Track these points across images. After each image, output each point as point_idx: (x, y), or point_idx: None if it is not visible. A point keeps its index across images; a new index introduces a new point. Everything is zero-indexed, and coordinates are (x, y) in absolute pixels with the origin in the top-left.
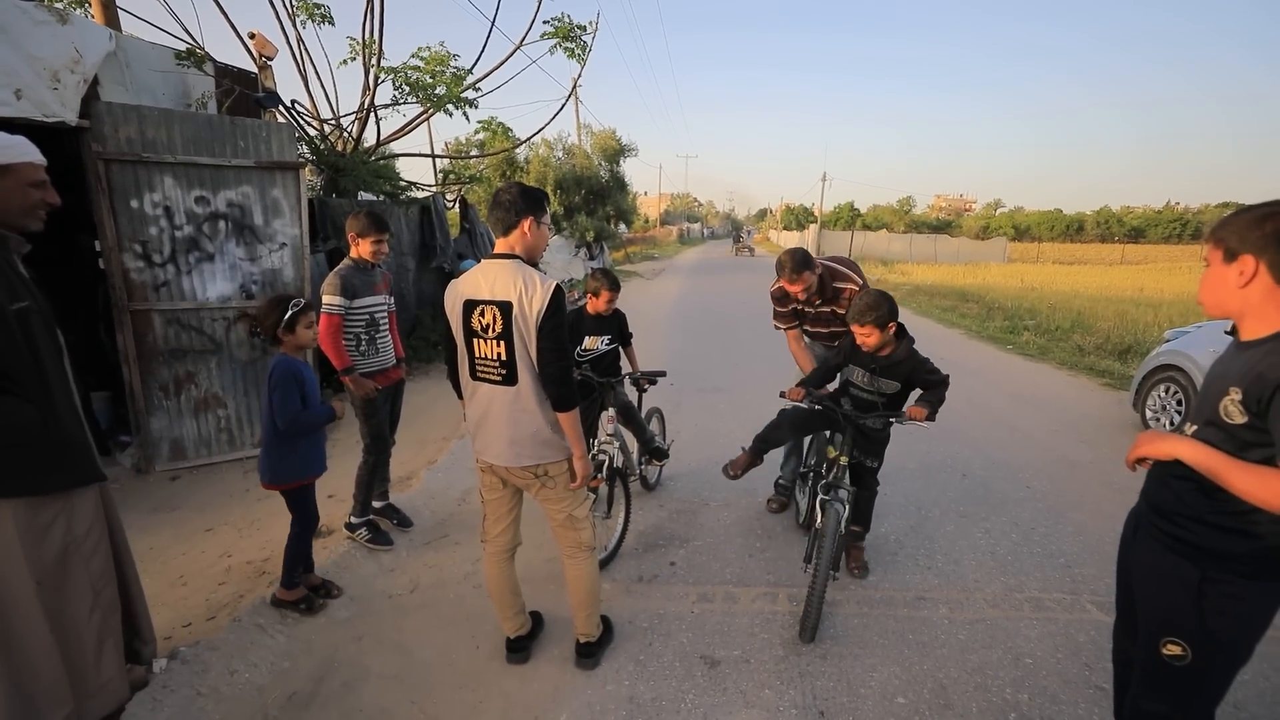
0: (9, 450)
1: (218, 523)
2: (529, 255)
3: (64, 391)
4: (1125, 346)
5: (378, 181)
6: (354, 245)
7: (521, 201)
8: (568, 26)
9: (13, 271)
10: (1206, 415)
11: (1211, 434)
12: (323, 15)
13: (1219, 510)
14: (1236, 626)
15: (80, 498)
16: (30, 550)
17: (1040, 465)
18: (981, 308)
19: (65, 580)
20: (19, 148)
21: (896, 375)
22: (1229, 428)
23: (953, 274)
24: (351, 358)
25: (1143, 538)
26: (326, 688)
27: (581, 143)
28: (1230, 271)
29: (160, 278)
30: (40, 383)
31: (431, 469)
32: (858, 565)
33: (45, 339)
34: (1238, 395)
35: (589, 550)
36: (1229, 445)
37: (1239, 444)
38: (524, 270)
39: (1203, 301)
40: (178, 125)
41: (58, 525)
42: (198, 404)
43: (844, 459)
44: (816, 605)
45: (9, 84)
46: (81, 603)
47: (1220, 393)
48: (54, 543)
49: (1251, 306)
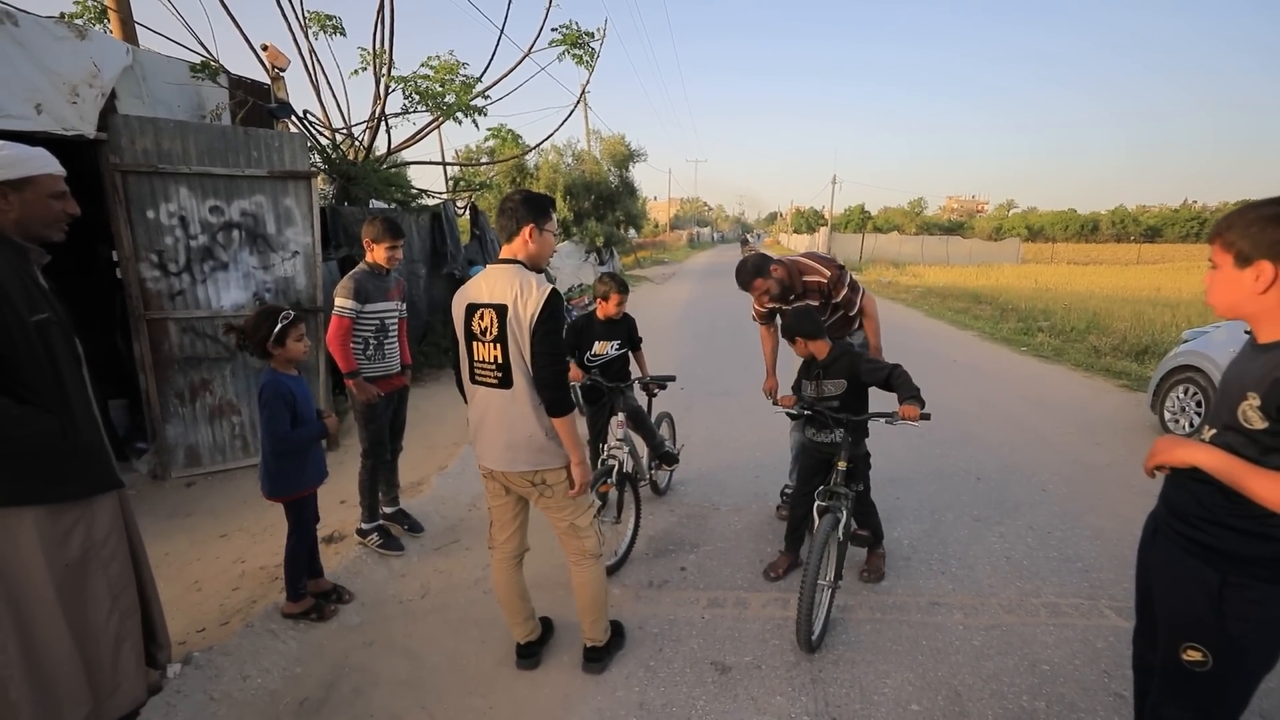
0: (29, 458)
1: (232, 528)
2: (532, 261)
3: (82, 400)
4: (1142, 347)
5: (389, 189)
6: (369, 250)
7: (524, 209)
8: (576, 34)
9: (33, 283)
10: (1225, 419)
11: (1231, 439)
12: (334, 26)
13: (1239, 513)
14: (1259, 632)
15: (99, 504)
16: (51, 555)
17: (1056, 468)
18: (995, 309)
19: (85, 584)
20: (39, 159)
21: (839, 373)
22: (1249, 433)
23: (965, 276)
24: (358, 362)
25: (1161, 541)
26: (337, 693)
27: (591, 148)
28: (1244, 277)
29: (176, 286)
30: (59, 392)
31: (442, 474)
32: (870, 571)
33: (64, 349)
34: (1256, 400)
35: (594, 557)
36: (1250, 450)
37: (1260, 449)
38: (522, 274)
39: (1214, 304)
40: (192, 136)
41: (78, 531)
42: (212, 411)
43: (841, 463)
44: (806, 612)
45: (30, 98)
46: (100, 606)
47: (1238, 397)
48: (74, 548)
49: (1267, 310)
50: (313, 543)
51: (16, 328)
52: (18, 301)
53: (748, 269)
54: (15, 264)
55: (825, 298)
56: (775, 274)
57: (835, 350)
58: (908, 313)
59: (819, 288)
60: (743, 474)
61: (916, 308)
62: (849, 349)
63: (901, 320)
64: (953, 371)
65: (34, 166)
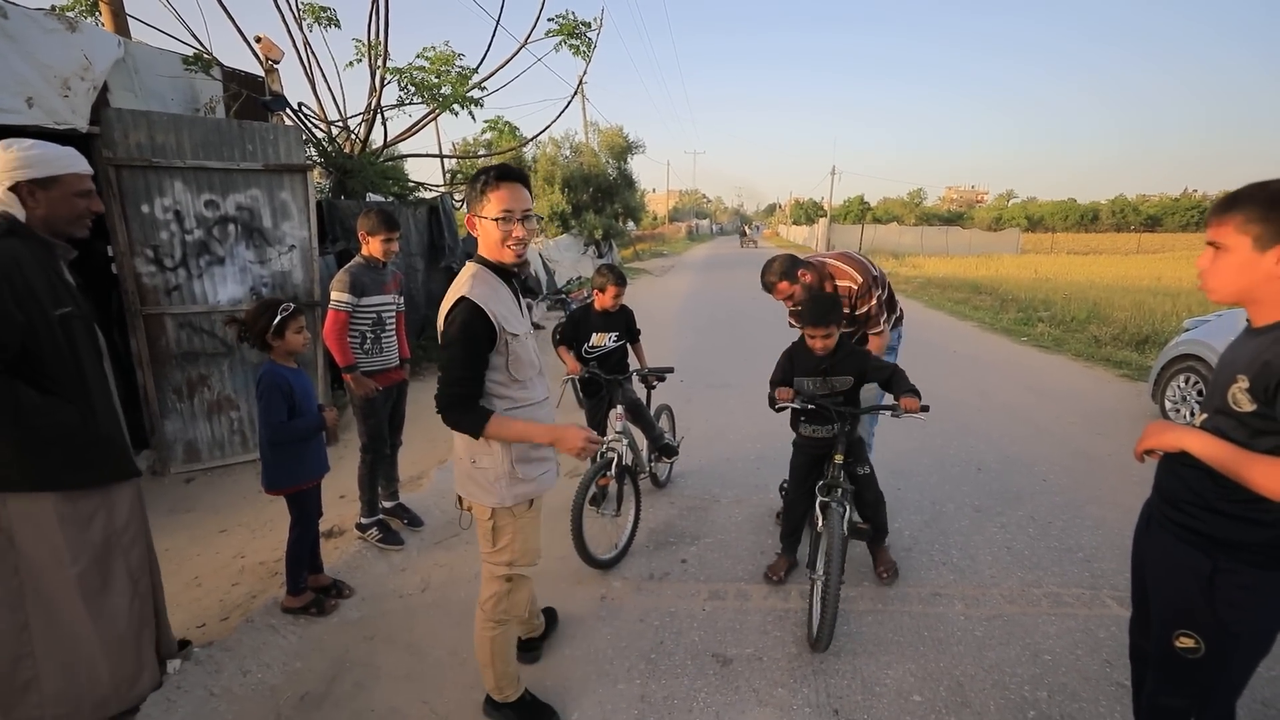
0: (51, 446)
1: (231, 524)
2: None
3: (102, 392)
4: (1143, 337)
5: (385, 182)
6: (365, 244)
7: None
8: (572, 24)
9: (58, 278)
10: (1216, 403)
11: (1222, 422)
12: (328, 18)
13: (1229, 498)
14: (1251, 618)
15: (118, 492)
16: (73, 539)
17: (1057, 459)
18: (994, 300)
19: (108, 570)
20: (67, 159)
21: (848, 369)
22: (1238, 415)
23: (965, 266)
24: (355, 356)
25: (1155, 529)
26: (338, 688)
27: (589, 140)
28: (1265, 260)
29: (172, 281)
30: (80, 384)
31: (442, 468)
32: (886, 569)
33: (86, 343)
34: (1245, 383)
35: (481, 609)
36: (1239, 433)
37: (1250, 432)
38: (463, 277)
39: (1216, 290)
40: (186, 130)
41: (98, 518)
42: (211, 406)
43: (839, 457)
44: (831, 613)
45: (20, 92)
46: (122, 593)
47: (1229, 380)
48: (95, 534)
49: (1268, 292)
50: (314, 537)
51: (41, 322)
52: (43, 296)
53: (774, 270)
54: (42, 260)
55: (850, 307)
56: (804, 279)
57: (844, 347)
58: (907, 304)
59: (848, 294)
60: (743, 466)
61: (916, 299)
62: (855, 347)
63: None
64: (953, 362)
65: (62, 165)
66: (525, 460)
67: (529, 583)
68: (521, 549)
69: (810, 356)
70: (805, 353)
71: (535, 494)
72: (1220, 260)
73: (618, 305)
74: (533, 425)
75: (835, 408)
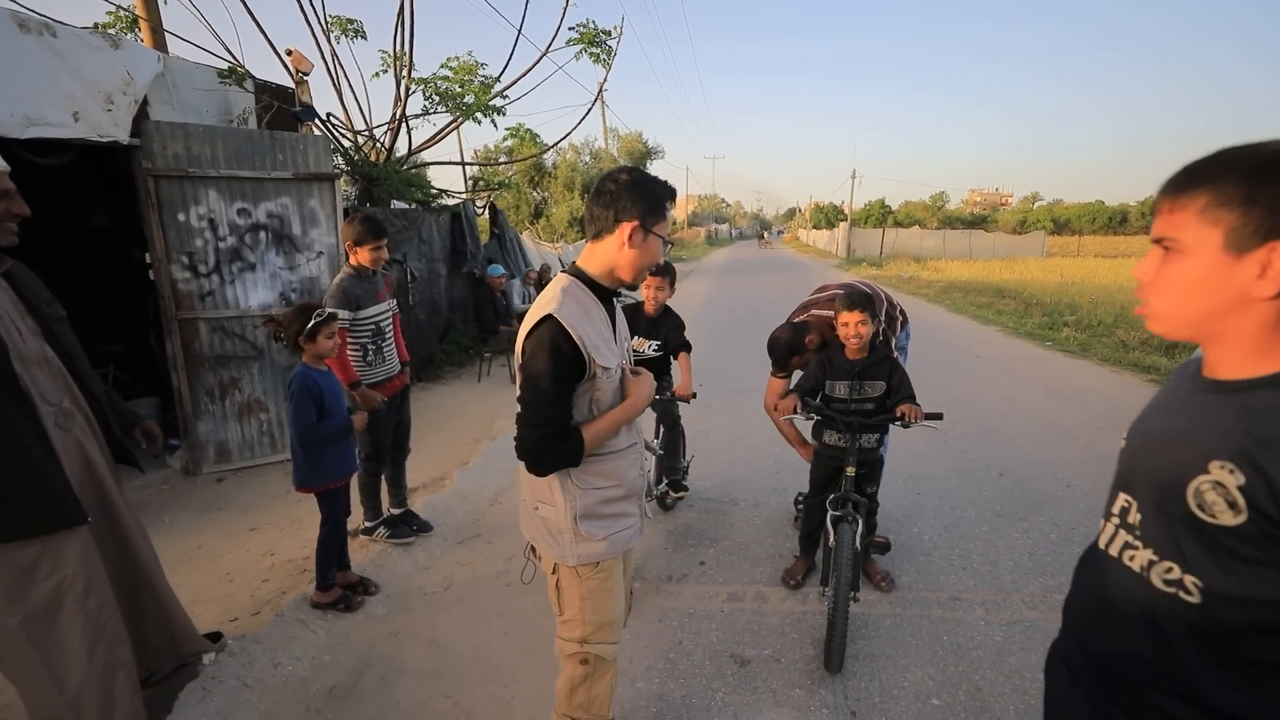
0: None
1: (261, 522)
2: (613, 275)
3: (16, 440)
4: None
5: (410, 190)
6: (352, 253)
7: (627, 197)
8: (593, 32)
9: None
10: (1157, 499)
11: (1176, 550)
12: (355, 30)
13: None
14: None
15: (64, 539)
16: (12, 594)
17: (1081, 463)
18: (1019, 304)
19: (58, 618)
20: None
21: (880, 375)
22: (1213, 530)
23: (988, 270)
24: (358, 370)
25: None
26: (365, 681)
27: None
28: (1240, 270)
29: (205, 287)
30: (5, 429)
31: (464, 470)
32: (882, 579)
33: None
34: (1238, 479)
35: (558, 702)
36: (1209, 559)
37: (1239, 560)
38: (550, 292)
39: (1157, 312)
40: (221, 141)
41: (42, 565)
42: (241, 408)
43: (850, 469)
44: (841, 631)
45: (68, 107)
46: (80, 640)
47: (1187, 466)
48: (41, 582)
49: (1244, 325)
50: (343, 535)
51: None
52: None
53: (780, 348)
54: None
55: None
56: (812, 344)
57: (878, 352)
58: (929, 308)
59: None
60: (762, 470)
61: (938, 303)
62: (889, 354)
63: (923, 315)
64: (975, 367)
65: None
66: (592, 517)
67: (611, 670)
68: (594, 621)
69: (843, 361)
70: (838, 357)
71: (606, 555)
72: (1170, 267)
73: (660, 302)
74: (615, 411)
75: (842, 417)
